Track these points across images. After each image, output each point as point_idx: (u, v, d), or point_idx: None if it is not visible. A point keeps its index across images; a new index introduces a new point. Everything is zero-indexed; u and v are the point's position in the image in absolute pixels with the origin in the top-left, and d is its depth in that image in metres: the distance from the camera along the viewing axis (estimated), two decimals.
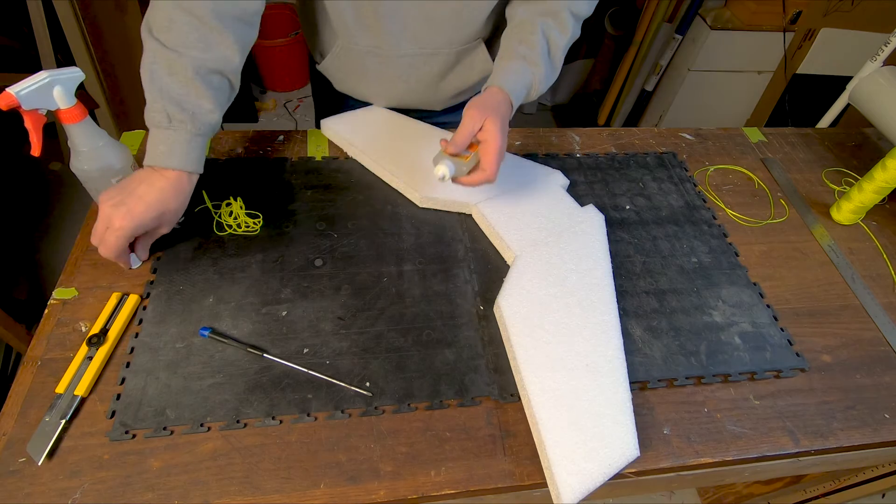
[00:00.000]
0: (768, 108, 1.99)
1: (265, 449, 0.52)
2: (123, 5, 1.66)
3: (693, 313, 0.67)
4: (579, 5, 0.70)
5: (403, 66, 0.78)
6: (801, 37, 1.78)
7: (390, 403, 0.56)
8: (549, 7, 0.68)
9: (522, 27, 0.68)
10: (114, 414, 0.52)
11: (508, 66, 0.66)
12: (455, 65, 0.80)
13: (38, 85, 0.53)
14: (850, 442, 0.58)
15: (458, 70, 0.81)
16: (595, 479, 0.50)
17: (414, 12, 0.71)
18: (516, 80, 0.65)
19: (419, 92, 0.83)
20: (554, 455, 0.51)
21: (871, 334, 0.68)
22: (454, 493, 0.51)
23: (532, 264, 0.66)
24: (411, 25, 0.72)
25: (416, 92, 0.83)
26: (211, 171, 0.76)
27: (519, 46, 0.67)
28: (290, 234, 0.70)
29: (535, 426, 0.54)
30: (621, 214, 0.78)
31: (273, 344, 0.59)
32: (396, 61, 0.77)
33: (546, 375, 0.56)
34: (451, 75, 0.82)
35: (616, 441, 0.53)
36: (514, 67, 0.66)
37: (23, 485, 0.48)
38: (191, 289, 0.62)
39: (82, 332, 0.58)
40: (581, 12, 0.71)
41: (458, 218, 0.75)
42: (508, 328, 0.59)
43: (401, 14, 0.71)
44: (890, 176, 0.75)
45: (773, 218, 0.82)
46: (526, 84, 0.66)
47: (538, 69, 0.67)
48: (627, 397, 0.56)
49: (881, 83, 0.92)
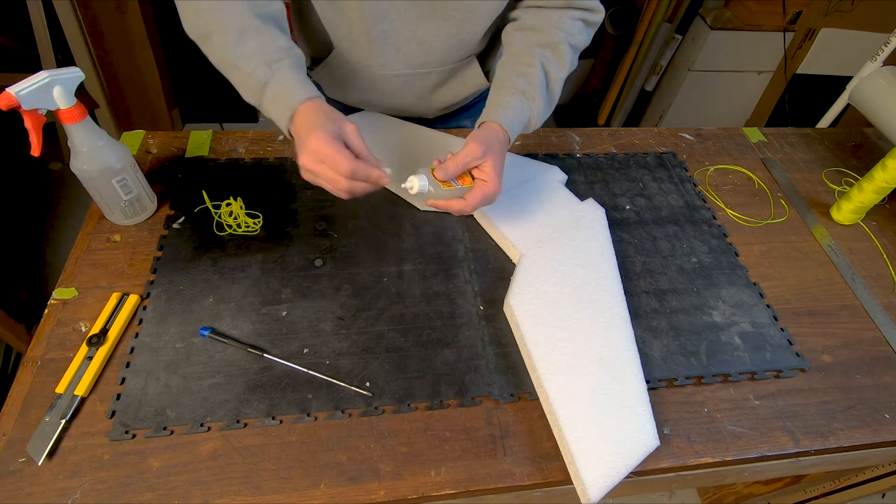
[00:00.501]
0: (768, 108, 1.99)
1: (265, 449, 0.52)
2: (123, 5, 1.66)
3: (693, 313, 0.67)
4: (577, 38, 0.69)
5: (396, 83, 0.77)
6: (801, 37, 1.78)
7: (390, 403, 0.56)
8: (548, 40, 0.66)
9: (520, 58, 0.66)
10: (114, 414, 0.52)
11: (507, 102, 0.64)
12: (448, 80, 0.80)
13: (38, 85, 0.53)
14: (850, 442, 0.58)
15: (450, 84, 0.81)
16: (619, 472, 0.51)
17: (406, 35, 0.70)
18: (514, 117, 0.63)
19: (411, 104, 0.83)
20: (577, 452, 0.51)
21: (871, 334, 0.68)
22: (454, 493, 0.51)
23: (539, 261, 0.66)
24: (404, 48, 0.72)
25: (408, 103, 0.83)
26: (211, 171, 0.76)
27: (518, 80, 0.65)
28: (290, 234, 0.70)
29: (555, 424, 0.54)
30: (621, 214, 0.78)
31: (273, 344, 0.59)
32: (389, 79, 0.76)
33: (562, 372, 0.56)
34: (443, 89, 0.82)
35: (636, 432, 0.53)
36: (513, 103, 0.64)
37: (23, 485, 0.48)
38: (191, 289, 0.62)
39: (82, 332, 0.58)
40: (579, 44, 0.69)
41: (458, 218, 0.75)
42: (521, 327, 0.60)
43: (393, 37, 0.70)
44: (890, 176, 0.75)
45: (773, 218, 0.82)
46: (524, 120, 0.65)
47: (536, 104, 0.65)
48: (643, 388, 0.57)
49: (881, 83, 0.92)
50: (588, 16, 0.69)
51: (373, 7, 0.66)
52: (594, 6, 0.69)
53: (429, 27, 0.69)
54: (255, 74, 0.57)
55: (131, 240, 0.67)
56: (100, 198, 0.64)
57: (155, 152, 0.78)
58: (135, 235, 0.67)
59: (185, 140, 0.80)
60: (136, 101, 1.91)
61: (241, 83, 0.59)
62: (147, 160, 0.77)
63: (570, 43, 0.68)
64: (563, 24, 0.67)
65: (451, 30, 0.70)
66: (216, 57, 0.59)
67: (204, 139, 0.80)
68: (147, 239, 0.67)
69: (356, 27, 0.69)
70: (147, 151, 0.78)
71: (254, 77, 0.57)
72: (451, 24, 0.69)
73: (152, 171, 0.75)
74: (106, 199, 0.64)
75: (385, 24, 0.68)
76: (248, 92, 0.59)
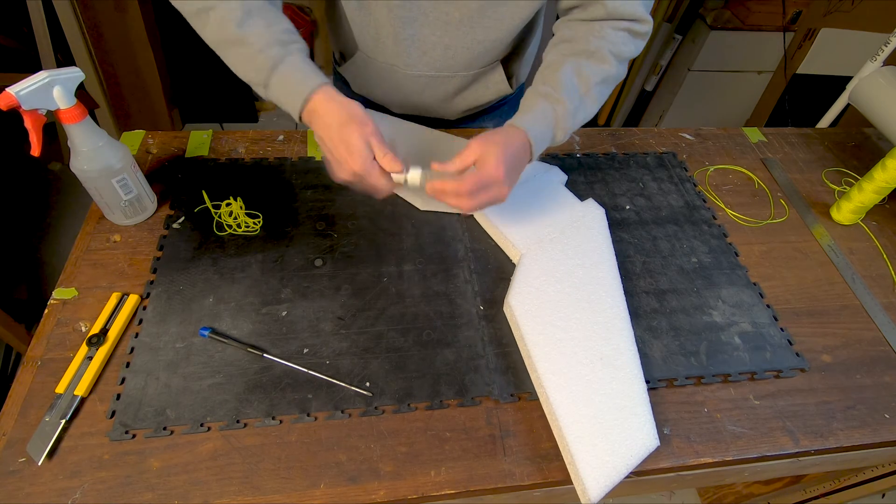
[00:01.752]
0: (768, 108, 1.98)
1: (265, 449, 0.52)
2: (123, 5, 1.66)
3: (693, 313, 0.67)
4: (622, 48, 0.65)
5: (420, 84, 0.78)
6: (801, 37, 1.78)
7: (390, 403, 0.56)
8: (583, 48, 0.64)
9: (549, 68, 0.65)
10: (114, 414, 0.52)
11: (526, 105, 0.63)
12: (471, 84, 0.81)
13: (38, 85, 0.53)
14: (850, 442, 0.58)
15: (473, 88, 0.82)
16: (619, 472, 0.51)
17: (433, 40, 0.71)
18: (532, 119, 0.61)
19: (433, 105, 0.84)
20: (577, 451, 0.51)
21: (871, 334, 0.68)
22: (454, 493, 0.51)
23: (539, 261, 0.66)
24: (430, 52, 0.73)
25: (430, 104, 0.84)
26: (211, 172, 0.76)
27: (542, 86, 0.63)
28: (290, 234, 0.70)
29: (555, 424, 0.54)
30: (621, 214, 0.78)
31: (273, 344, 0.59)
32: (413, 79, 0.77)
33: (562, 372, 0.56)
34: (465, 93, 0.82)
35: (636, 432, 0.53)
36: (532, 106, 0.62)
37: (23, 485, 0.48)
38: (191, 289, 0.62)
39: (82, 332, 0.58)
40: (623, 53, 0.65)
41: (458, 218, 0.75)
42: (521, 327, 0.60)
43: (420, 41, 0.71)
44: (890, 176, 0.75)
45: (773, 218, 0.82)
46: (547, 121, 0.62)
47: (561, 105, 0.62)
48: (643, 388, 0.57)
49: (881, 83, 0.92)
50: (634, 26, 0.65)
51: (403, 12, 0.67)
52: (640, 16, 0.65)
53: (456, 33, 0.70)
54: (266, 53, 0.56)
55: (131, 240, 0.67)
56: (100, 198, 0.64)
57: (155, 152, 0.78)
58: (135, 235, 0.67)
59: (185, 140, 0.80)
60: (136, 101, 1.91)
61: (244, 60, 0.58)
62: (147, 160, 0.77)
63: (612, 51, 0.64)
64: (605, 34, 0.64)
65: (478, 37, 0.70)
66: (215, 32, 0.58)
67: (204, 139, 0.80)
68: (147, 239, 0.67)
69: (384, 30, 0.70)
70: (147, 151, 0.78)
71: (265, 55, 0.56)
72: (477, 32, 0.70)
73: (152, 171, 0.75)
74: (106, 199, 0.64)
75: (414, 28, 0.69)
76: (253, 70, 0.58)
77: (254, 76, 0.58)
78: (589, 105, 0.65)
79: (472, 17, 0.68)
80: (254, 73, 0.58)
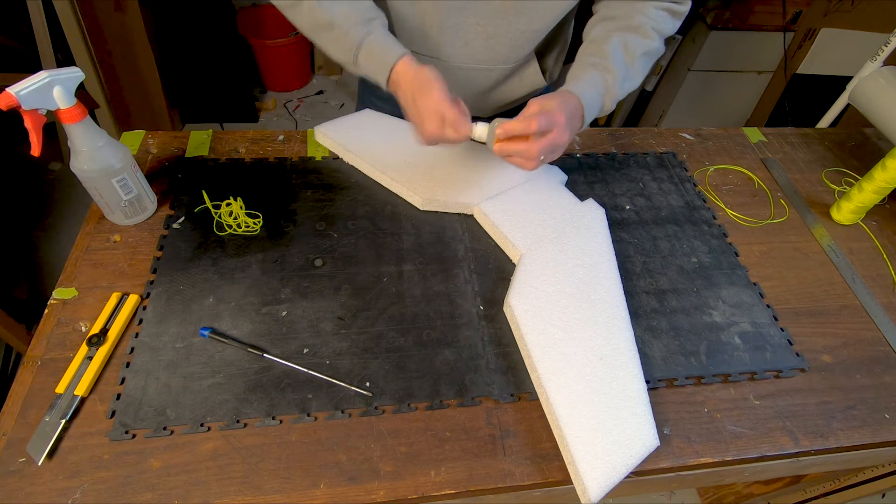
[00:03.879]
0: (768, 108, 1.98)
1: (265, 449, 0.52)
2: (123, 5, 1.66)
3: (693, 313, 0.67)
4: (662, 26, 0.69)
5: (459, 77, 0.79)
6: (801, 37, 1.78)
7: (390, 403, 0.56)
8: (628, 23, 0.68)
9: (595, 43, 0.68)
10: (114, 414, 0.52)
11: (576, 74, 0.66)
12: (507, 78, 0.81)
13: (38, 85, 0.53)
14: (850, 442, 0.58)
15: (509, 83, 0.83)
16: (619, 472, 0.51)
17: (477, 29, 0.72)
18: (584, 85, 0.64)
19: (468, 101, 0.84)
20: (577, 451, 0.51)
21: (871, 334, 0.68)
22: (454, 493, 0.51)
23: (539, 261, 0.66)
24: (472, 42, 0.74)
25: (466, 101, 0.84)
26: (211, 171, 0.76)
27: (589, 58, 0.66)
28: (290, 234, 0.70)
29: (555, 424, 0.54)
30: (621, 214, 0.78)
31: (273, 344, 0.59)
32: (453, 71, 0.78)
33: (562, 372, 0.56)
34: (502, 87, 0.83)
35: (636, 432, 0.53)
36: (582, 75, 0.65)
37: (23, 485, 0.48)
38: (191, 289, 0.62)
39: (82, 332, 0.58)
40: (664, 30, 0.70)
41: (458, 218, 0.75)
42: (521, 327, 0.60)
43: (464, 32, 0.72)
44: (890, 176, 0.75)
45: (773, 218, 0.82)
46: (598, 88, 0.65)
47: (609, 73, 0.65)
48: (643, 387, 0.57)
49: (881, 83, 0.92)
50: (674, 6, 0.70)
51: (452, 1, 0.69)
52: None
53: (500, 23, 0.71)
54: (351, 33, 0.62)
55: (131, 240, 0.67)
56: (100, 198, 0.64)
57: (155, 152, 0.78)
58: (135, 235, 0.67)
59: (185, 140, 0.80)
60: (136, 101, 1.91)
61: (334, 43, 0.64)
62: (147, 160, 0.77)
63: (654, 27, 0.68)
64: (647, 12, 0.68)
65: (521, 26, 0.72)
66: (307, 20, 0.64)
67: (204, 139, 0.80)
68: (147, 239, 0.67)
69: (430, 18, 0.71)
70: (147, 151, 0.78)
71: (350, 36, 0.63)
72: (521, 21, 0.71)
73: (152, 171, 0.75)
74: (106, 199, 0.64)
75: (460, 16, 0.71)
76: (342, 51, 0.64)
77: (343, 56, 0.65)
78: (634, 76, 0.68)
79: (516, 5, 0.69)
80: (343, 54, 0.64)
